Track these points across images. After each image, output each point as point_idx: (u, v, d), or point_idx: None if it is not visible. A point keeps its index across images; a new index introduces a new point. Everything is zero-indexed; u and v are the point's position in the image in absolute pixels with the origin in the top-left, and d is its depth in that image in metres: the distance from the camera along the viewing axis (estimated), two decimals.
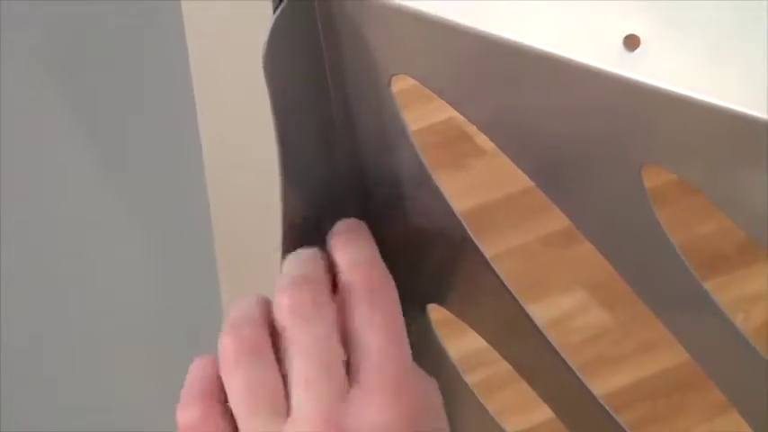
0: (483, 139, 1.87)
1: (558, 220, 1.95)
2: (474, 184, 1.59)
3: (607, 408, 0.44)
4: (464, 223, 0.44)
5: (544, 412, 0.46)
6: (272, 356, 0.44)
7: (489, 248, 0.45)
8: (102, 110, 0.74)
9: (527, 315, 0.44)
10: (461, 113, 0.40)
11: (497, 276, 0.43)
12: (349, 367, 0.43)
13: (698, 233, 1.39)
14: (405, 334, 0.43)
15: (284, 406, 0.43)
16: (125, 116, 0.77)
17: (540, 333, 0.44)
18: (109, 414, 0.91)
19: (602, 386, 0.46)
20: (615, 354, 1.41)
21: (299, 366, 0.43)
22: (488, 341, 0.45)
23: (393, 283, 0.44)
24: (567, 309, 1.43)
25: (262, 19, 0.42)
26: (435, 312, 0.46)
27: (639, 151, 0.37)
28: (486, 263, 0.44)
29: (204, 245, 0.56)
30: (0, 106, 0.74)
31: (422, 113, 0.62)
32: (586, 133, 0.37)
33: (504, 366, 0.45)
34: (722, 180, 0.36)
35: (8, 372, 0.87)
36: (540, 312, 0.46)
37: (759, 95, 0.33)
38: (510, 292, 0.44)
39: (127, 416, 0.92)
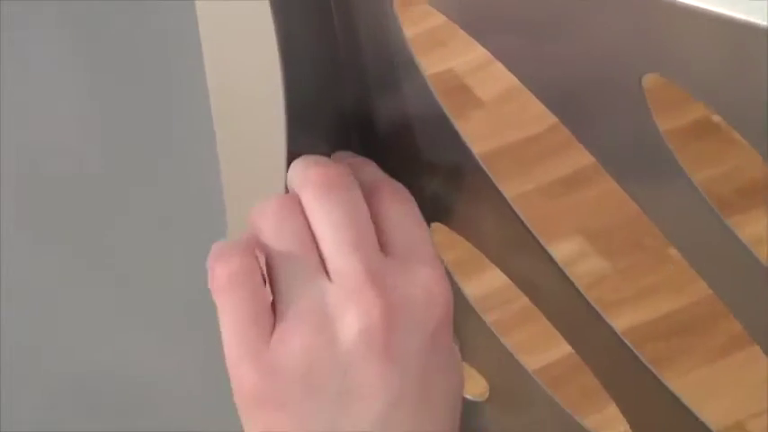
0: (482, 91, 1.88)
1: (556, 170, 1.97)
2: (473, 135, 1.59)
3: (625, 341, 0.44)
4: (470, 146, 0.44)
5: (561, 349, 0.47)
6: (307, 228, 0.45)
7: None
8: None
9: (529, 233, 0.44)
10: (481, 44, 0.40)
11: (501, 196, 0.44)
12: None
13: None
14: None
15: (323, 270, 0.44)
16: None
17: (543, 250, 0.44)
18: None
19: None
20: (614, 299, 1.42)
21: (335, 232, 0.44)
22: (492, 259, 0.46)
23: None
24: (565, 256, 1.44)
25: None
26: (449, 253, 0.47)
27: (639, 60, 0.37)
28: (490, 184, 0.44)
29: (212, 185, 0.57)
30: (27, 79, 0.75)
31: (422, 65, 0.62)
32: (589, 48, 0.38)
33: (519, 305, 0.46)
34: (723, 89, 0.36)
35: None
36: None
37: (759, 1, 0.33)
38: (513, 212, 0.44)
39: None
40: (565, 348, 0.47)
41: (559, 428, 0.47)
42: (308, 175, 0.45)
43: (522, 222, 0.44)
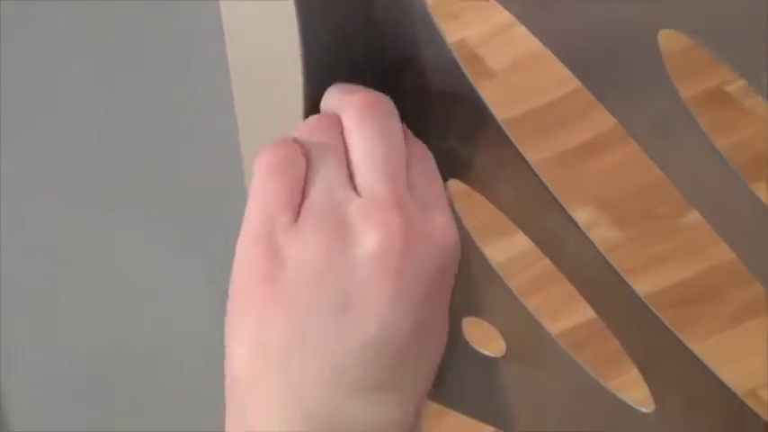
0: (493, 62, 1.87)
1: (567, 140, 1.96)
2: None
3: (647, 304, 0.45)
4: (484, 100, 0.44)
5: (582, 314, 0.47)
6: (342, 144, 0.45)
7: None
8: None
9: (544, 187, 0.44)
10: (504, 7, 0.40)
11: (512, 146, 0.44)
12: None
13: None
14: None
15: (351, 185, 0.44)
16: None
17: (563, 212, 0.44)
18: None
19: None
20: (626, 268, 1.42)
21: (372, 155, 0.44)
22: (511, 219, 0.46)
23: None
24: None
25: None
26: (470, 218, 0.47)
27: (654, 16, 0.37)
28: (510, 146, 0.44)
29: (229, 136, 0.57)
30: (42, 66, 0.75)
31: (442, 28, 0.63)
32: (607, 7, 0.38)
33: (539, 271, 0.47)
34: (735, 44, 0.36)
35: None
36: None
37: None
38: (528, 165, 0.44)
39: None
40: (585, 314, 0.47)
41: (577, 388, 0.48)
42: (351, 99, 0.45)
43: (541, 184, 0.44)
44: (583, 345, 0.48)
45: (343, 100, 0.45)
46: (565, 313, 0.46)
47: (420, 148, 0.46)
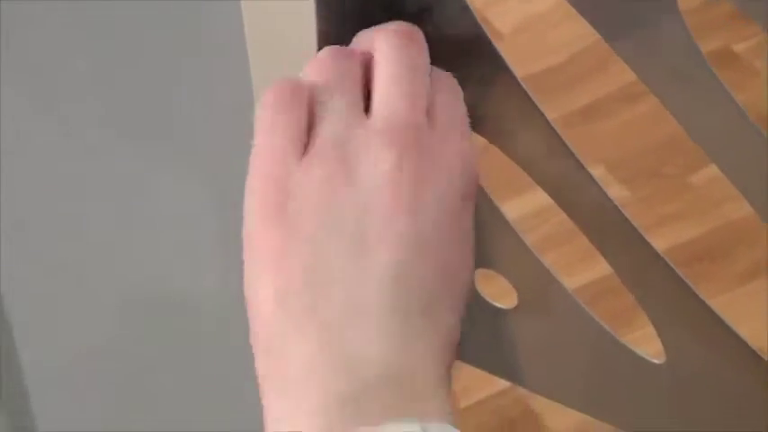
0: (501, 24, 1.86)
1: (574, 101, 1.95)
2: None
3: (667, 261, 0.44)
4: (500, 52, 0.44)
5: (597, 270, 0.47)
6: (359, 69, 0.43)
7: None
8: None
9: (558, 138, 0.44)
10: None
11: (530, 100, 0.44)
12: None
13: None
14: None
15: (363, 111, 0.42)
16: None
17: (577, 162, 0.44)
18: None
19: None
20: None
21: (395, 81, 0.42)
22: (523, 168, 0.45)
23: None
24: None
25: None
26: (486, 173, 0.47)
27: None
28: (519, 87, 0.44)
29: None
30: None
31: None
32: None
33: (554, 228, 0.46)
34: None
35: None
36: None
37: None
38: (542, 115, 0.44)
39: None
40: (599, 270, 0.47)
41: (590, 342, 0.48)
42: (388, 26, 0.43)
43: (558, 139, 0.44)
44: (596, 300, 0.48)
45: (379, 29, 0.43)
46: (579, 269, 0.46)
47: (448, 80, 0.44)
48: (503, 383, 1.53)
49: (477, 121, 0.45)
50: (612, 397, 0.49)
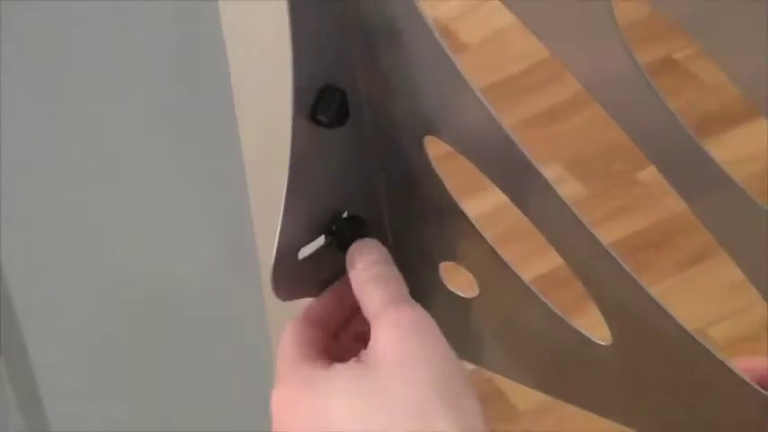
0: (465, 36, 1.86)
1: (535, 105, 1.96)
2: None
3: (612, 253, 0.45)
4: (456, 64, 0.44)
5: (549, 262, 0.47)
6: None
7: None
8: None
9: (516, 147, 0.44)
10: None
11: (490, 114, 0.44)
12: None
13: None
14: None
15: None
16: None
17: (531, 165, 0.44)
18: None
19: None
20: (589, 220, 1.42)
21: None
22: (485, 174, 0.45)
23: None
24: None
25: None
26: (449, 174, 0.47)
27: None
28: (477, 100, 0.44)
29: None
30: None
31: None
32: None
33: (511, 224, 0.46)
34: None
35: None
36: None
37: None
38: (501, 128, 0.44)
39: None
40: (552, 263, 0.47)
41: (545, 327, 0.48)
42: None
43: (513, 145, 0.44)
44: (549, 289, 0.48)
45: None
46: (533, 262, 0.46)
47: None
48: (470, 364, 1.53)
49: (440, 129, 0.45)
50: (566, 377, 0.49)
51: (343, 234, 0.48)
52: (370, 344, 0.44)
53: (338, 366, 0.44)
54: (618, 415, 0.49)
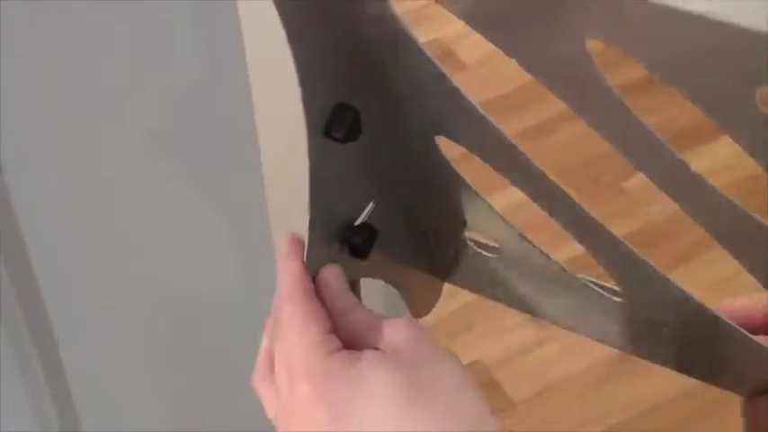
0: (465, 56, 1.86)
1: (529, 119, 1.96)
2: None
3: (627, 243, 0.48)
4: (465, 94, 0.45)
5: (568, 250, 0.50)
6: None
7: None
8: None
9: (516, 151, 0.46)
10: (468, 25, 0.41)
11: (489, 123, 0.45)
12: None
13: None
14: None
15: None
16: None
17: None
18: None
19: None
20: None
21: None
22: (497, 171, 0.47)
23: None
24: None
25: None
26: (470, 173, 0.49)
27: (580, 27, 0.38)
28: (484, 121, 0.46)
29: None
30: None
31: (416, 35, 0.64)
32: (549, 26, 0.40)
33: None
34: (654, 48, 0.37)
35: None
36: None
37: None
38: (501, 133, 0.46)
39: None
40: (569, 250, 0.49)
41: (564, 284, 0.50)
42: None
43: (515, 152, 0.46)
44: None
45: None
46: (550, 250, 0.49)
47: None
48: (468, 358, 1.54)
49: (452, 135, 0.46)
50: (583, 318, 0.51)
51: (356, 241, 0.48)
52: (386, 336, 0.43)
53: (362, 356, 0.43)
54: (628, 346, 0.50)
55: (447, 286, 0.54)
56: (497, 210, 0.49)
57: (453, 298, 1.59)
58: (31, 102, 0.75)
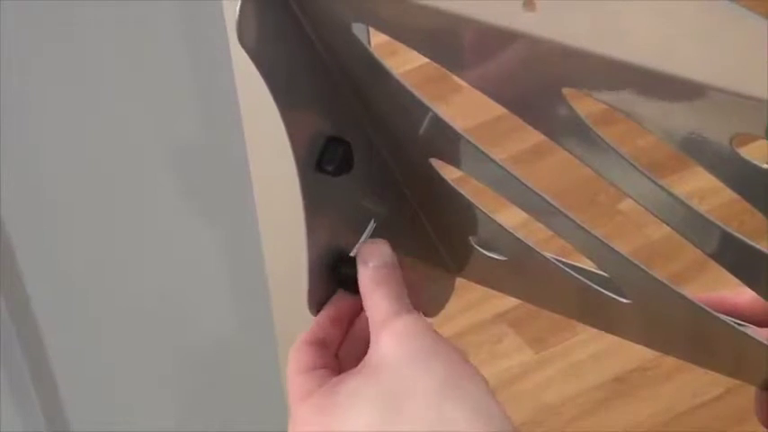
0: (459, 78, 1.85)
1: (525, 141, 1.96)
2: (455, 115, 1.59)
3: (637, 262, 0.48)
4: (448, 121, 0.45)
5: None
6: None
7: None
8: None
9: (511, 177, 0.46)
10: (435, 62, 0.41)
11: (481, 151, 0.46)
12: None
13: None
14: None
15: None
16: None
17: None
18: None
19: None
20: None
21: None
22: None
23: None
24: None
25: None
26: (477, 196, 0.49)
27: (557, 78, 0.39)
28: (469, 143, 0.46)
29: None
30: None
31: (408, 58, 0.63)
32: (512, 67, 0.40)
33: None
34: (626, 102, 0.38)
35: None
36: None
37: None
38: (494, 162, 0.46)
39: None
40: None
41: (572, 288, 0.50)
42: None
43: (508, 175, 0.46)
44: None
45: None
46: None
47: None
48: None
49: (438, 151, 0.46)
50: (593, 314, 0.51)
51: (350, 275, 0.47)
52: (370, 350, 0.44)
53: (336, 380, 0.43)
54: (634, 337, 0.51)
55: (441, 313, 0.54)
56: (505, 225, 0.49)
57: (448, 323, 1.58)
58: (31, 109, 0.75)
